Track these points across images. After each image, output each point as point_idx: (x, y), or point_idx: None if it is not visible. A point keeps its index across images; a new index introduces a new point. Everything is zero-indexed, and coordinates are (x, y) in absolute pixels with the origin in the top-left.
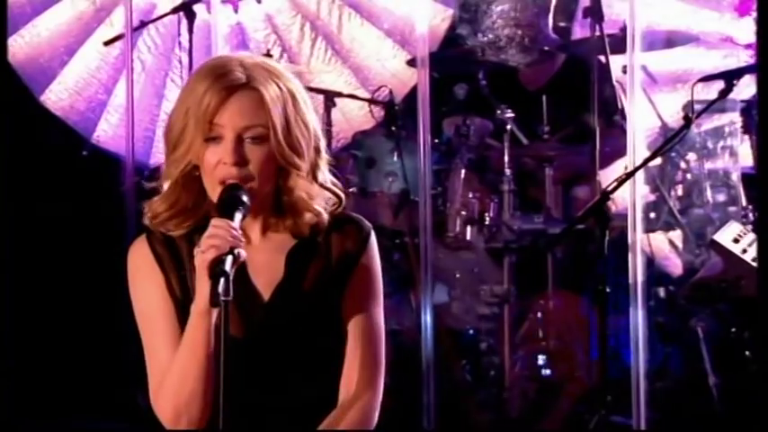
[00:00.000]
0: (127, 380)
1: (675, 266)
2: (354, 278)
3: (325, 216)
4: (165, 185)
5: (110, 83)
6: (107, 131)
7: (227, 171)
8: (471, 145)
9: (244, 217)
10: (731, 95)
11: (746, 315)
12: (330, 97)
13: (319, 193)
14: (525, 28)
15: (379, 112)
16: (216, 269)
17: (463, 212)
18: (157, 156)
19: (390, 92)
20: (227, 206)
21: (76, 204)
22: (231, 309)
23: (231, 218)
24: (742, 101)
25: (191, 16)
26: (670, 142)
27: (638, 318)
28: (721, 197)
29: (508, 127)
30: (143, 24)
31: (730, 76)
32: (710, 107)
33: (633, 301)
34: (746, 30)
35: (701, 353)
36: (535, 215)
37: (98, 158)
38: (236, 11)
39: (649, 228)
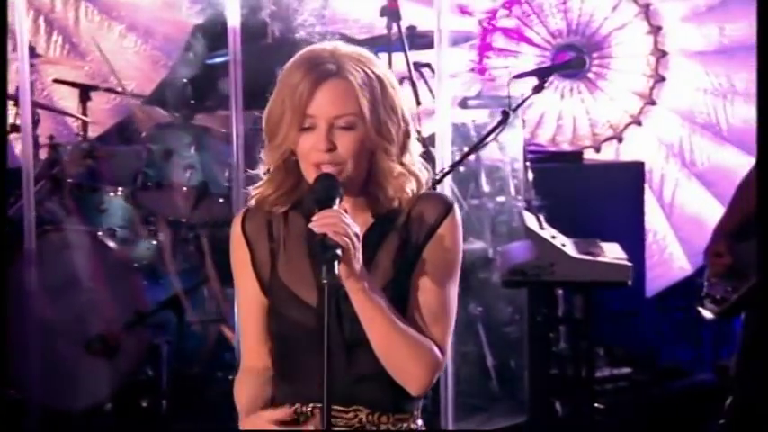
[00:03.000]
0: None
1: None
2: (429, 249)
3: (408, 195)
4: (266, 170)
5: None
6: None
7: (320, 156)
8: None
9: (339, 204)
10: (494, 92)
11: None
12: (85, 90)
13: (403, 174)
14: (336, 25)
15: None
16: (328, 248)
17: None
18: None
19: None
20: (323, 199)
21: None
22: (312, 286)
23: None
24: (509, 96)
25: None
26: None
27: None
28: (493, 188)
29: None
30: None
31: (543, 74)
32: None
33: None
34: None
35: (479, 336)
36: None
37: None
38: None
39: None
